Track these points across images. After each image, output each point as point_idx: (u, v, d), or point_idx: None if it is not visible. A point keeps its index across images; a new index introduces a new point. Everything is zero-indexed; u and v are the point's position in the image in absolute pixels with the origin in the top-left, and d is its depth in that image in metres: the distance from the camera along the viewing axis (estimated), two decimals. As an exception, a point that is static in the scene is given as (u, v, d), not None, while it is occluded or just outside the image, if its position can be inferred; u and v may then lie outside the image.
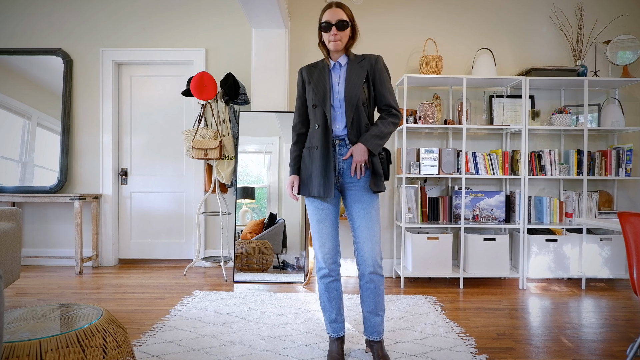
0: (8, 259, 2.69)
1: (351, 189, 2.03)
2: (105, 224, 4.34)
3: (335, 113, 2.03)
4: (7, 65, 4.30)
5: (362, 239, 2.01)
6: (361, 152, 1.97)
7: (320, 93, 2.02)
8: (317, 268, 2.08)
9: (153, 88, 4.43)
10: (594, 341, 2.45)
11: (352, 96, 1.98)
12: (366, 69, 2.03)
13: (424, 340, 2.40)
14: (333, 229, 2.06)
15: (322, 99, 2.00)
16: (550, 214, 3.74)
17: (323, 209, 2.04)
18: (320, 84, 2.04)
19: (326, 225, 2.04)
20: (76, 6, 4.31)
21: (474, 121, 4.02)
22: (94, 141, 4.33)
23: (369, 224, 2.00)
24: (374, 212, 2.01)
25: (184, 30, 4.29)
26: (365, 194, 2.01)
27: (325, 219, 2.04)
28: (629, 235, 1.81)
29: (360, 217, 2.01)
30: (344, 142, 2.03)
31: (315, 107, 2.04)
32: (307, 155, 2.08)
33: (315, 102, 2.04)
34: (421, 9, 4.09)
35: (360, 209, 2.01)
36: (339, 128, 2.03)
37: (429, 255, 3.64)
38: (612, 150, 3.73)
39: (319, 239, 2.05)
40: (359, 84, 2.00)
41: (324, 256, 2.04)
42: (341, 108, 2.02)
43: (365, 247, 2.00)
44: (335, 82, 2.05)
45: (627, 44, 3.83)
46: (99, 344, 1.49)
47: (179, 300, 3.16)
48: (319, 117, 2.02)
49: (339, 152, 2.03)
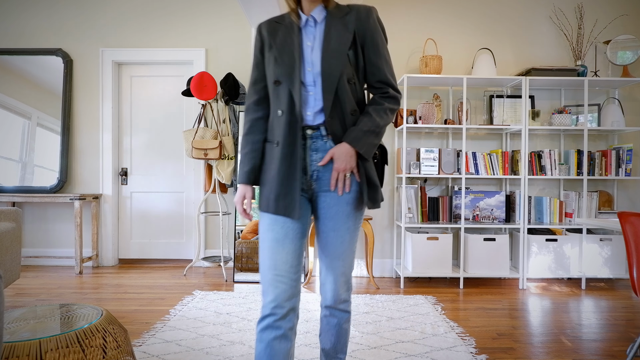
0: (8, 259, 2.69)
1: (326, 199, 1.43)
2: (105, 224, 4.34)
3: (306, 93, 1.38)
4: (7, 65, 4.30)
5: (327, 268, 1.46)
6: (346, 157, 1.36)
7: (286, 63, 1.36)
8: (261, 314, 1.37)
9: (153, 88, 4.43)
10: (594, 341, 2.45)
11: (332, 68, 1.35)
12: (353, 28, 1.39)
13: (424, 340, 2.40)
14: (294, 256, 1.38)
15: (287, 73, 1.36)
16: (550, 214, 3.74)
17: (284, 224, 1.38)
18: (285, 50, 1.38)
19: (284, 249, 1.37)
20: (76, 6, 4.31)
21: (474, 121, 4.02)
22: (94, 141, 4.33)
23: (338, 251, 1.43)
24: (348, 237, 1.43)
25: (184, 30, 4.29)
26: (344, 209, 1.41)
27: (286, 238, 1.37)
28: (629, 235, 1.81)
29: (329, 240, 1.43)
30: (319, 135, 1.39)
31: (277, 85, 1.39)
32: (267, 151, 1.45)
33: (277, 76, 1.39)
34: (421, 9, 4.09)
35: (330, 230, 1.43)
36: (311, 115, 1.39)
37: (429, 255, 3.64)
38: (612, 150, 3.73)
39: (272, 267, 1.36)
40: (342, 50, 1.36)
41: (276, 297, 1.34)
42: (316, 86, 1.38)
43: (328, 279, 1.47)
44: (308, 48, 1.39)
45: (627, 44, 3.83)
46: (99, 344, 1.49)
47: (179, 300, 3.16)
48: (283, 99, 1.37)
49: (311, 147, 1.40)
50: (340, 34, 1.38)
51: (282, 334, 1.34)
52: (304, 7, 1.42)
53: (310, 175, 1.41)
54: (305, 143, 1.40)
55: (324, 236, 1.45)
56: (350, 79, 1.39)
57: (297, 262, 1.40)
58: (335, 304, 1.49)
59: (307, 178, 1.42)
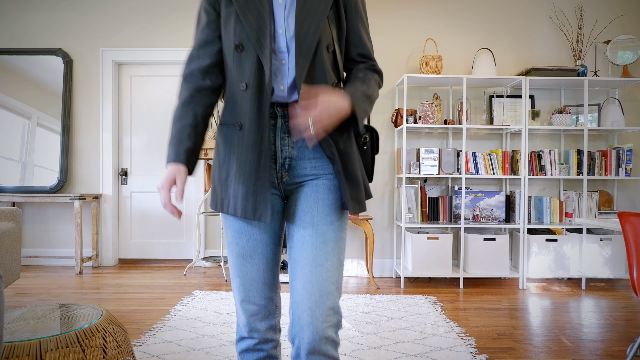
0: (8, 259, 2.69)
1: (303, 189, 1.13)
2: (105, 224, 4.34)
3: (278, 62, 1.10)
4: (7, 65, 4.30)
5: (302, 282, 1.06)
6: (334, 107, 1.01)
7: (252, 24, 1.07)
8: (237, 334, 1.20)
9: (153, 88, 4.43)
10: (594, 341, 2.45)
11: (309, 31, 1.08)
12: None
13: (424, 340, 2.40)
14: (267, 272, 1.14)
15: (255, 36, 1.07)
16: (550, 214, 3.74)
17: (251, 236, 1.13)
18: (250, 7, 1.09)
19: (253, 266, 1.13)
20: (76, 6, 4.31)
21: (474, 121, 4.02)
22: (94, 141, 4.33)
23: (320, 256, 1.06)
24: (332, 235, 1.09)
25: (184, 30, 4.29)
26: (326, 197, 1.11)
27: (254, 253, 1.13)
28: (629, 235, 1.81)
29: (307, 240, 1.08)
30: (288, 113, 1.11)
31: (240, 50, 1.09)
32: (223, 140, 1.15)
33: (241, 39, 1.09)
34: (421, 9, 4.09)
35: (309, 224, 1.09)
36: (284, 89, 1.10)
37: (429, 255, 3.64)
38: (612, 150, 3.73)
39: (240, 287, 1.14)
40: (322, 10, 1.10)
41: (248, 321, 1.15)
42: (289, 53, 1.10)
43: (306, 300, 1.04)
44: (279, 6, 1.11)
45: (627, 44, 3.83)
46: (99, 344, 1.49)
47: (179, 300, 3.16)
48: (247, 69, 1.08)
49: (282, 129, 1.11)
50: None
51: (266, 355, 1.17)
52: None
53: (281, 164, 1.11)
54: (275, 123, 1.10)
55: (298, 238, 1.10)
56: (330, 46, 1.12)
57: (271, 277, 1.15)
58: (317, 347, 1.03)
59: (276, 168, 1.11)
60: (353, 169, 1.13)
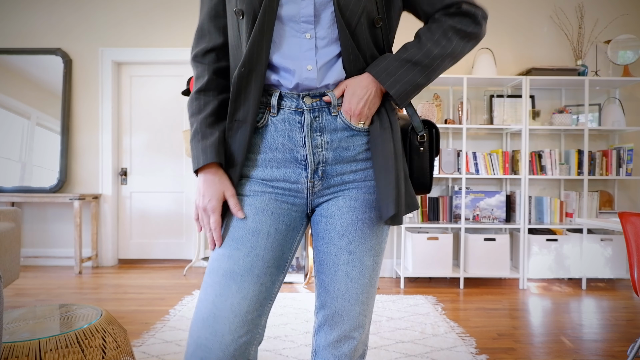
0: (7, 259, 2.69)
1: (337, 203, 0.90)
2: (105, 224, 4.34)
3: (296, 35, 0.85)
4: (7, 65, 4.29)
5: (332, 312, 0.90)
6: (362, 92, 0.85)
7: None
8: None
9: (153, 88, 4.43)
10: (595, 341, 2.45)
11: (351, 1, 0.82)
12: None
13: (424, 340, 2.39)
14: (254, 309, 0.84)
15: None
16: (550, 214, 3.74)
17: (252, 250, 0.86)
18: None
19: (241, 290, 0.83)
20: (76, 6, 4.31)
21: (474, 121, 4.01)
22: (93, 141, 4.33)
23: (355, 289, 0.89)
24: (371, 264, 0.90)
25: (184, 30, 4.28)
26: (367, 217, 0.90)
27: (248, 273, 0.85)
28: (629, 235, 1.81)
29: (339, 268, 0.89)
30: (321, 105, 0.88)
31: (241, 17, 0.85)
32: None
33: (241, 3, 0.84)
34: (421, 8, 4.08)
35: (343, 251, 0.89)
36: (313, 70, 0.85)
37: (429, 255, 3.63)
38: (612, 150, 3.73)
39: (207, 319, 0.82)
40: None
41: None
42: (319, 25, 0.84)
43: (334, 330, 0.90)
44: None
45: (628, 44, 3.82)
46: (99, 344, 1.48)
47: (178, 300, 3.15)
48: (245, 41, 0.85)
49: (312, 127, 0.87)
50: None
51: None
52: None
53: (313, 171, 0.88)
54: (303, 120, 0.87)
55: (330, 263, 0.90)
56: (376, 20, 0.86)
57: (258, 312, 0.85)
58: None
59: (308, 175, 0.89)
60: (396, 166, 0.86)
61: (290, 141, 0.87)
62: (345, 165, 0.89)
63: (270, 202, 0.88)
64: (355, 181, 0.90)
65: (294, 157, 0.88)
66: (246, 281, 0.83)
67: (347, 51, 0.84)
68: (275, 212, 0.88)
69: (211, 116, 0.89)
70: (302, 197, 0.90)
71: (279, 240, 0.88)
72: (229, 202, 0.87)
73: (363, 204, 0.89)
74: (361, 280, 0.89)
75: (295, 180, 0.89)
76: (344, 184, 0.90)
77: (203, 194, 0.87)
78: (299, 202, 0.91)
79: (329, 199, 0.91)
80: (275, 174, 0.89)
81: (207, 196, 0.86)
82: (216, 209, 0.86)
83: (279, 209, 0.89)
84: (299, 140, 0.87)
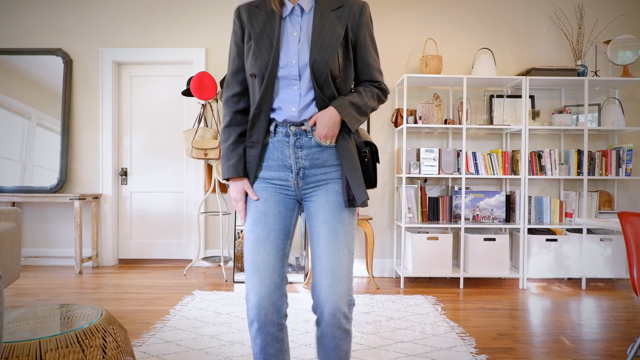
0: (8, 259, 2.69)
1: (316, 192, 1.36)
2: (105, 224, 4.34)
3: (288, 89, 1.32)
4: (7, 65, 4.30)
5: (320, 268, 1.29)
6: (329, 121, 1.29)
7: (264, 55, 1.29)
8: (248, 318, 1.32)
9: (153, 88, 4.43)
10: (594, 341, 2.45)
11: (322, 63, 1.27)
12: (345, 23, 1.32)
13: (424, 340, 2.40)
14: (277, 259, 1.32)
15: (265, 65, 1.29)
16: (550, 213, 3.74)
17: (266, 225, 1.33)
18: (264, 39, 1.30)
19: (266, 250, 1.31)
20: (76, 6, 4.31)
21: (474, 121, 4.02)
22: (93, 141, 4.33)
23: (332, 247, 1.29)
24: (342, 229, 1.31)
25: (184, 30, 4.28)
26: (335, 199, 1.34)
27: (267, 240, 1.32)
28: (629, 235, 1.81)
29: (321, 234, 1.31)
30: (303, 132, 1.33)
31: (254, 78, 1.32)
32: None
33: (254, 69, 1.31)
34: (421, 9, 4.08)
35: (322, 222, 1.31)
36: (295, 111, 1.32)
37: (429, 255, 3.64)
38: (612, 150, 3.73)
39: (253, 270, 1.30)
40: (333, 45, 1.28)
41: (259, 301, 1.28)
42: (301, 80, 1.30)
43: (322, 283, 1.28)
44: (293, 38, 1.30)
45: (628, 44, 3.83)
46: (99, 344, 1.49)
47: (179, 300, 3.15)
48: (257, 93, 1.32)
49: (295, 145, 1.33)
50: (333, 27, 1.30)
51: (272, 338, 1.31)
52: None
53: (296, 173, 1.34)
54: (289, 140, 1.33)
55: (315, 233, 1.33)
56: (337, 77, 1.32)
57: (280, 264, 1.32)
58: (332, 320, 1.27)
59: (293, 176, 1.35)
60: (354, 167, 1.33)
61: (282, 154, 1.34)
62: (317, 169, 1.35)
63: (272, 194, 1.36)
64: (326, 180, 1.35)
65: (284, 165, 1.35)
66: (267, 244, 1.31)
67: (318, 97, 1.31)
68: (276, 200, 1.36)
69: (232, 144, 1.38)
70: (292, 190, 1.37)
71: (282, 217, 1.35)
72: (248, 192, 1.38)
73: (332, 191, 1.35)
74: (336, 241, 1.30)
75: (286, 179, 1.36)
76: (318, 181, 1.35)
77: (232, 190, 1.39)
78: (290, 193, 1.37)
79: (310, 192, 1.36)
80: (274, 175, 1.36)
81: (235, 192, 1.39)
82: (241, 199, 1.39)
83: (278, 197, 1.36)
84: (287, 153, 1.34)
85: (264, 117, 1.33)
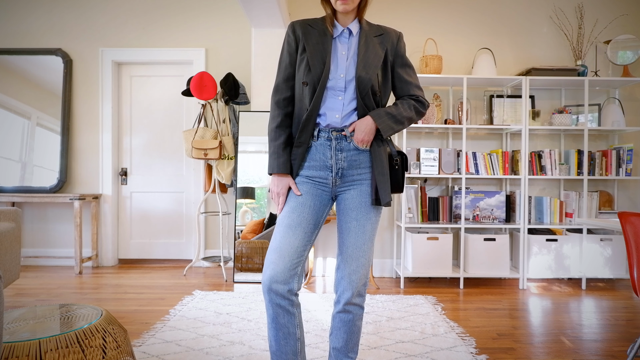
0: (8, 259, 2.69)
1: (350, 191, 1.55)
2: (105, 224, 4.34)
3: (334, 98, 1.52)
4: (7, 65, 4.30)
5: (347, 260, 1.52)
6: (365, 128, 1.49)
7: (317, 69, 1.49)
8: (262, 288, 1.47)
9: (153, 88, 4.43)
10: (595, 341, 2.45)
11: (366, 79, 1.49)
12: (385, 48, 1.56)
13: (424, 340, 2.39)
14: (301, 242, 1.49)
15: (317, 77, 1.49)
16: (550, 214, 3.74)
17: (301, 213, 1.51)
18: (317, 54, 1.51)
19: (294, 234, 1.49)
20: (76, 6, 4.31)
21: (474, 121, 4.02)
22: (93, 141, 4.33)
23: (360, 241, 1.52)
24: (369, 227, 1.53)
25: (184, 30, 4.28)
26: (367, 201, 1.54)
27: (298, 226, 1.50)
28: (629, 235, 1.81)
29: (351, 229, 1.53)
30: (343, 137, 1.54)
31: (305, 86, 1.52)
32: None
33: (306, 78, 1.51)
34: (421, 9, 4.08)
35: (353, 219, 1.53)
36: (339, 118, 1.52)
37: (429, 255, 3.64)
38: (612, 150, 3.73)
39: (278, 247, 1.47)
40: (376, 64, 1.52)
41: (274, 274, 1.44)
42: (345, 92, 1.52)
43: (347, 272, 1.52)
44: (342, 56, 1.53)
45: (628, 44, 3.83)
46: (99, 344, 1.49)
47: (179, 300, 3.15)
48: (307, 99, 1.52)
49: (336, 148, 1.53)
50: (375, 50, 1.54)
51: (283, 310, 1.46)
52: (339, 19, 1.56)
53: (335, 172, 1.55)
54: (331, 144, 1.53)
55: (345, 227, 1.54)
56: (377, 93, 1.54)
57: (303, 249, 1.49)
58: (352, 298, 1.53)
59: (332, 175, 1.55)
60: (383, 170, 1.52)
61: (323, 156, 1.55)
62: (354, 170, 1.55)
63: (311, 188, 1.55)
64: (360, 180, 1.56)
65: (325, 165, 1.55)
66: (297, 230, 1.49)
67: (360, 106, 1.52)
68: (314, 194, 1.55)
69: (283, 144, 1.56)
70: (329, 187, 1.56)
71: (315, 209, 1.54)
72: (292, 187, 1.55)
73: (365, 193, 1.55)
74: (364, 236, 1.53)
75: (325, 178, 1.56)
76: (353, 181, 1.56)
77: (277, 184, 1.56)
78: (327, 189, 1.57)
79: (345, 190, 1.57)
80: (314, 174, 1.56)
81: (280, 186, 1.56)
82: (284, 193, 1.56)
83: (316, 192, 1.55)
84: (328, 155, 1.54)
85: (313, 121, 1.51)
